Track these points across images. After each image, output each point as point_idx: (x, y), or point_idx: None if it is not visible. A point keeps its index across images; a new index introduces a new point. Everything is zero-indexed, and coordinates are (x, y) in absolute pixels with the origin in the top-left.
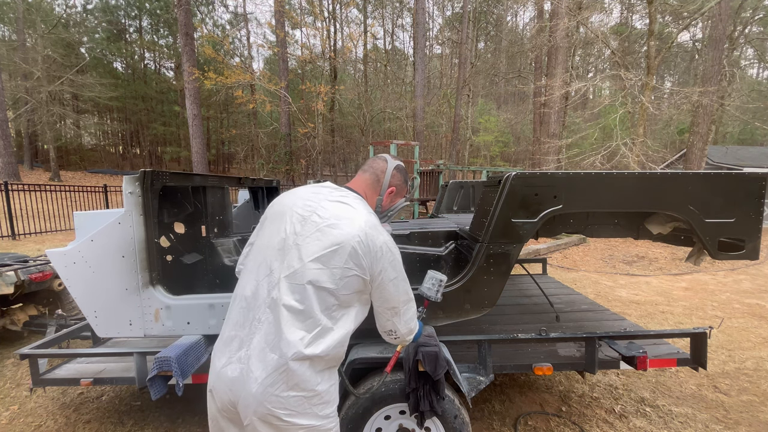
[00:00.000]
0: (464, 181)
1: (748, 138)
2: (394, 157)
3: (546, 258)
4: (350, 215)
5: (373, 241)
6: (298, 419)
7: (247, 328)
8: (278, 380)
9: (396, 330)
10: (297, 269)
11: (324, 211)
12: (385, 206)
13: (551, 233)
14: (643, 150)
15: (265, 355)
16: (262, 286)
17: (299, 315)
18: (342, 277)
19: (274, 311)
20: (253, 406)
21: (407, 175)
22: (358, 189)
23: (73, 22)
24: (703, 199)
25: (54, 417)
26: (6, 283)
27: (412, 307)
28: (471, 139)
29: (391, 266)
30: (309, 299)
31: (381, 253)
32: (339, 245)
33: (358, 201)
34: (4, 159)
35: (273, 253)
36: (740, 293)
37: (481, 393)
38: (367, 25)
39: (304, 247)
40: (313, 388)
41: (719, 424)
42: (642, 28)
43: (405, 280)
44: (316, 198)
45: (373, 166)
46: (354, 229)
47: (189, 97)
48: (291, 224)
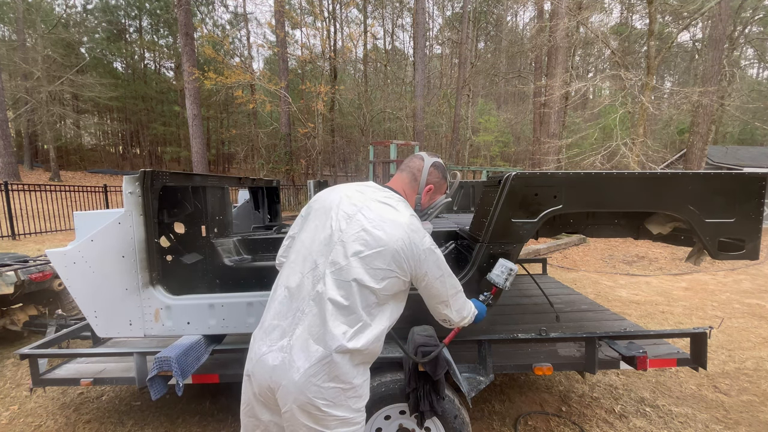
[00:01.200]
0: (464, 181)
1: (748, 138)
2: (431, 155)
3: (546, 258)
4: (394, 217)
5: (416, 244)
6: (335, 410)
7: (290, 318)
8: (321, 371)
9: (449, 319)
10: (343, 266)
11: (369, 212)
12: (425, 204)
13: (551, 233)
14: (643, 150)
15: (309, 345)
16: (307, 279)
17: (344, 310)
18: (384, 278)
19: (319, 304)
20: (294, 394)
21: (446, 171)
22: (398, 189)
23: (73, 22)
24: (703, 199)
25: (54, 417)
26: (6, 283)
27: (460, 296)
28: (471, 139)
29: (435, 266)
30: (354, 296)
31: (425, 256)
32: (384, 247)
33: (401, 203)
34: (4, 159)
35: (319, 248)
36: (740, 293)
37: (481, 393)
38: (367, 25)
39: (350, 245)
40: (351, 380)
41: (719, 424)
42: (642, 28)
43: (450, 275)
44: (361, 198)
45: (410, 165)
46: (398, 232)
47: (189, 97)
48: (337, 221)
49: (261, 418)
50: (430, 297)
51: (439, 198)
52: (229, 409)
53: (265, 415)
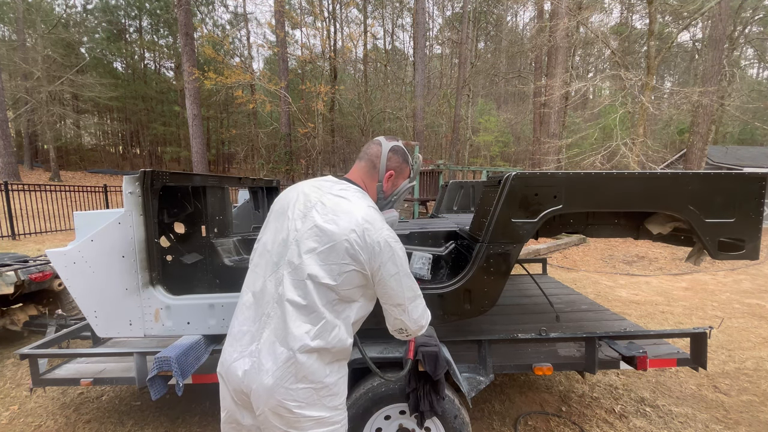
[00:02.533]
0: (464, 181)
1: (748, 138)
2: (389, 138)
3: (546, 258)
4: (348, 209)
5: (370, 235)
6: (308, 411)
7: (257, 323)
8: (288, 373)
9: (406, 328)
10: (297, 265)
11: (323, 207)
12: (387, 191)
13: (551, 233)
14: (643, 150)
15: (275, 348)
16: (270, 282)
17: (303, 309)
18: (340, 273)
19: (281, 306)
20: (265, 397)
21: (407, 154)
22: (357, 179)
23: (73, 22)
24: (703, 199)
25: (54, 417)
26: (6, 283)
27: (419, 304)
28: (471, 139)
29: (391, 262)
30: (311, 294)
31: (379, 248)
32: (336, 241)
33: (357, 194)
34: (4, 159)
35: (277, 250)
36: (740, 293)
37: (481, 393)
38: (367, 25)
39: (303, 244)
40: (322, 380)
41: (719, 424)
42: (642, 28)
43: (408, 276)
44: (317, 193)
45: (368, 152)
46: (351, 224)
47: (189, 97)
48: (293, 221)
49: (243, 422)
50: (385, 297)
51: (402, 183)
52: None
53: (247, 419)
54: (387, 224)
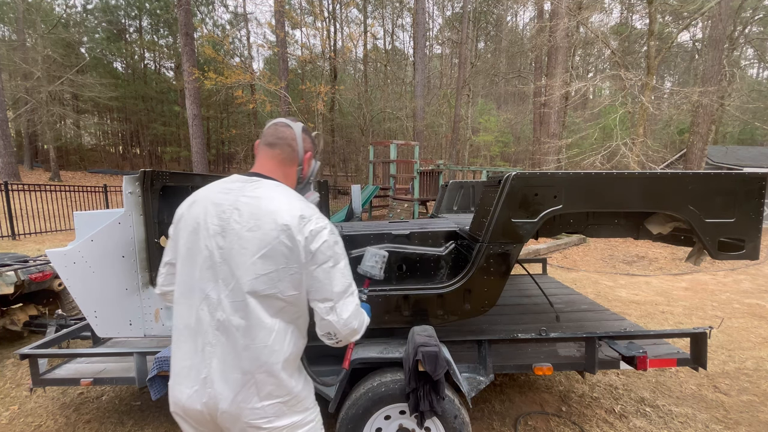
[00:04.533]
0: (464, 181)
1: (748, 138)
2: (292, 119)
3: (546, 258)
4: (270, 209)
5: (302, 230)
6: (279, 422)
7: (200, 354)
8: (249, 395)
9: (335, 332)
10: (233, 286)
11: (241, 215)
12: (305, 174)
13: (551, 233)
14: (643, 150)
15: (228, 375)
16: (203, 311)
17: (249, 330)
18: (281, 279)
19: (226, 332)
20: (230, 423)
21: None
22: (272, 171)
23: (73, 22)
24: (703, 199)
25: (54, 417)
26: (6, 283)
27: (351, 302)
28: (471, 139)
29: (320, 251)
30: (254, 312)
31: (311, 237)
32: (267, 247)
33: (276, 189)
34: (4, 159)
35: (202, 274)
36: (740, 293)
37: (481, 393)
38: (367, 25)
39: (233, 260)
40: (290, 391)
41: (719, 424)
42: (642, 28)
43: (341, 270)
44: (228, 201)
45: (281, 136)
46: (278, 224)
47: (189, 97)
48: (211, 238)
49: None
50: (312, 291)
51: (314, 163)
52: None
53: None
54: (317, 211)
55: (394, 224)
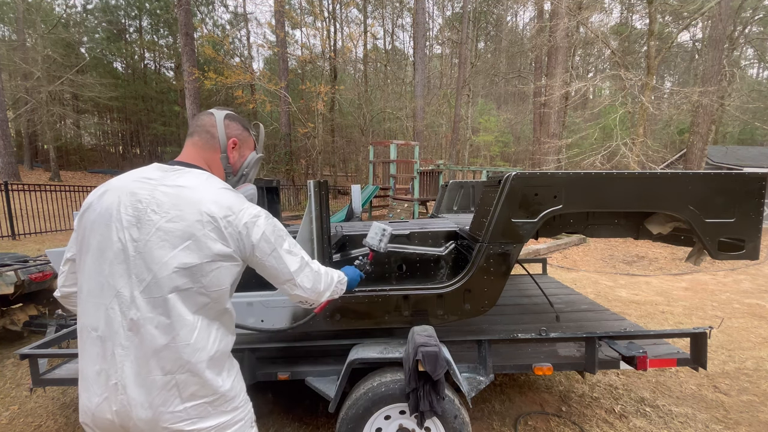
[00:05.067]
0: (464, 181)
1: (748, 138)
2: (221, 108)
3: (546, 258)
4: (193, 199)
5: (229, 220)
6: (203, 423)
7: (110, 359)
8: (169, 397)
9: (306, 299)
10: (149, 282)
11: (160, 205)
12: (235, 163)
13: (551, 233)
14: (643, 150)
15: (144, 379)
16: (113, 310)
17: (169, 328)
18: (204, 274)
19: (140, 332)
20: (147, 430)
21: (246, 122)
22: (195, 160)
23: (73, 22)
24: (703, 199)
25: (54, 417)
26: (6, 283)
27: (308, 271)
28: (471, 139)
29: (263, 241)
30: (175, 308)
31: (246, 231)
32: (190, 240)
33: (200, 178)
34: (4, 159)
35: (112, 269)
36: (740, 293)
37: (481, 393)
38: (367, 25)
39: (150, 253)
40: (215, 391)
41: (719, 424)
42: (642, 28)
43: (287, 250)
44: (146, 190)
45: (200, 124)
46: (202, 214)
47: (189, 97)
48: (124, 230)
49: None
50: (271, 278)
51: (249, 154)
52: None
53: None
54: (246, 201)
55: (394, 224)
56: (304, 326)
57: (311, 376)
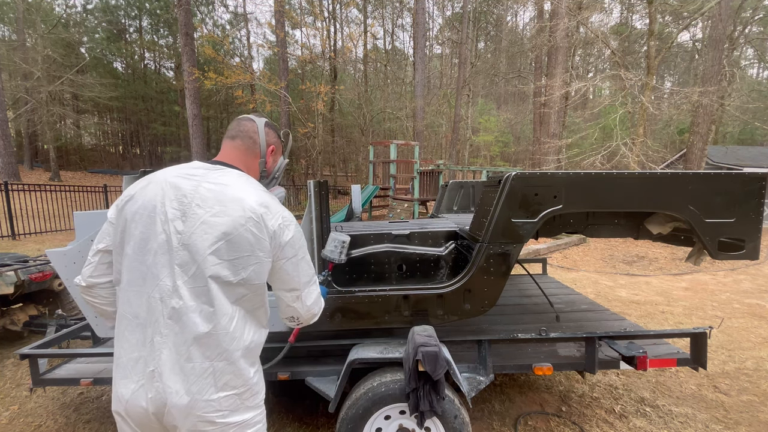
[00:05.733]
0: (464, 181)
1: (748, 138)
2: (257, 114)
3: (546, 258)
4: (237, 196)
5: (268, 220)
6: (232, 417)
7: (148, 346)
8: (205, 385)
9: (298, 316)
10: (194, 271)
11: (204, 200)
12: (270, 168)
13: (551, 233)
14: (643, 150)
15: (182, 366)
16: (154, 299)
17: (211, 316)
18: (245, 267)
19: (180, 320)
20: (181, 418)
21: (278, 130)
22: (235, 161)
23: (73, 22)
24: (703, 199)
25: (54, 417)
26: (6, 283)
27: (314, 290)
28: (471, 139)
29: (289, 245)
30: (218, 297)
31: (280, 231)
32: (233, 234)
33: (241, 178)
34: (4, 159)
35: (156, 259)
36: (740, 293)
37: (481, 393)
38: (367, 25)
39: (194, 245)
40: (246, 382)
41: (719, 424)
42: (642, 28)
43: (306, 261)
44: (190, 185)
45: (242, 129)
46: (245, 211)
47: (189, 97)
48: (169, 222)
49: None
50: (279, 282)
51: (280, 159)
52: None
53: None
54: (281, 205)
55: (394, 224)
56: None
57: (311, 376)
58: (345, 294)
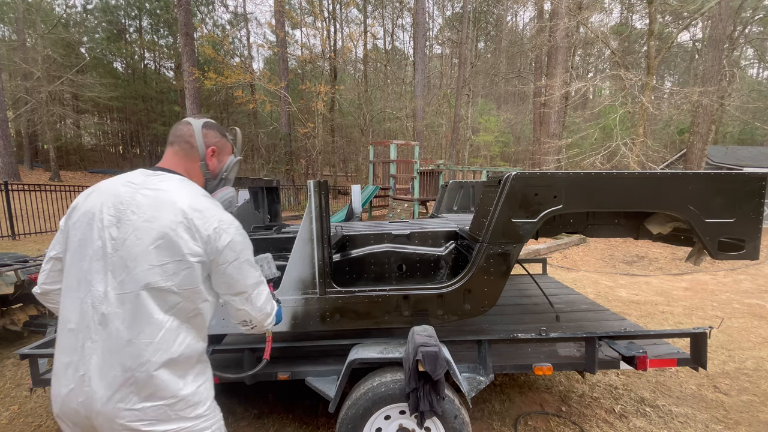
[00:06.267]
0: (464, 181)
1: (748, 138)
2: (198, 116)
3: (546, 258)
4: (169, 200)
5: (200, 224)
6: (162, 426)
7: (79, 351)
8: (128, 394)
9: (251, 319)
10: (124, 278)
11: (139, 206)
12: (215, 169)
13: (551, 233)
14: (643, 150)
15: (107, 373)
16: (86, 304)
17: (135, 324)
18: (176, 272)
19: (108, 327)
20: (107, 426)
21: (223, 129)
22: (175, 167)
23: (73, 22)
24: (703, 199)
25: (54, 417)
26: (6, 283)
27: (264, 290)
28: (471, 139)
29: (228, 248)
30: (146, 304)
31: (215, 235)
32: (162, 238)
33: (177, 182)
34: (4, 159)
35: (91, 266)
36: (740, 293)
37: (481, 393)
38: (367, 25)
39: (127, 251)
40: (175, 394)
41: (719, 424)
42: (642, 28)
43: (249, 262)
44: (128, 193)
45: (178, 134)
46: (176, 215)
47: (189, 97)
48: (105, 229)
49: None
50: (225, 287)
51: (228, 159)
52: (229, 409)
53: None
54: (220, 208)
55: (394, 224)
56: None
57: (311, 376)
58: (345, 294)
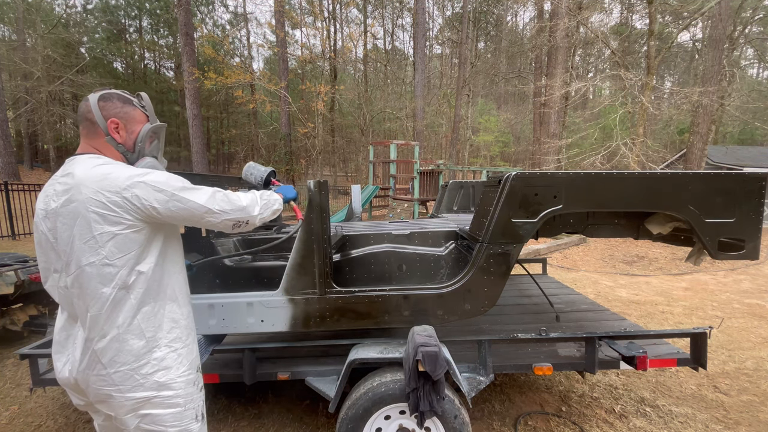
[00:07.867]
0: (464, 181)
1: (748, 138)
2: (97, 90)
3: (546, 258)
4: (78, 181)
5: (108, 190)
6: (131, 393)
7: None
8: (92, 362)
9: (236, 219)
10: (68, 261)
11: (57, 195)
12: (126, 141)
13: (551, 233)
14: (643, 150)
15: (81, 341)
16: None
17: (88, 299)
18: (102, 245)
19: (74, 305)
20: (90, 391)
21: (125, 96)
22: (86, 148)
23: (73, 22)
24: (703, 199)
25: (54, 417)
26: (6, 283)
27: (220, 196)
28: (471, 139)
29: (155, 192)
30: (90, 282)
31: (129, 194)
32: (78, 217)
33: (85, 162)
34: (4, 159)
35: (48, 257)
36: (740, 293)
37: (481, 393)
38: (367, 25)
39: (60, 238)
40: (138, 357)
41: (719, 424)
42: (642, 28)
43: (185, 189)
44: (50, 185)
45: (80, 113)
46: (83, 193)
47: (189, 97)
48: (41, 223)
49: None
50: (187, 221)
51: (141, 128)
52: (229, 409)
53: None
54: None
55: (394, 224)
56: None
57: (311, 376)
58: (345, 294)
